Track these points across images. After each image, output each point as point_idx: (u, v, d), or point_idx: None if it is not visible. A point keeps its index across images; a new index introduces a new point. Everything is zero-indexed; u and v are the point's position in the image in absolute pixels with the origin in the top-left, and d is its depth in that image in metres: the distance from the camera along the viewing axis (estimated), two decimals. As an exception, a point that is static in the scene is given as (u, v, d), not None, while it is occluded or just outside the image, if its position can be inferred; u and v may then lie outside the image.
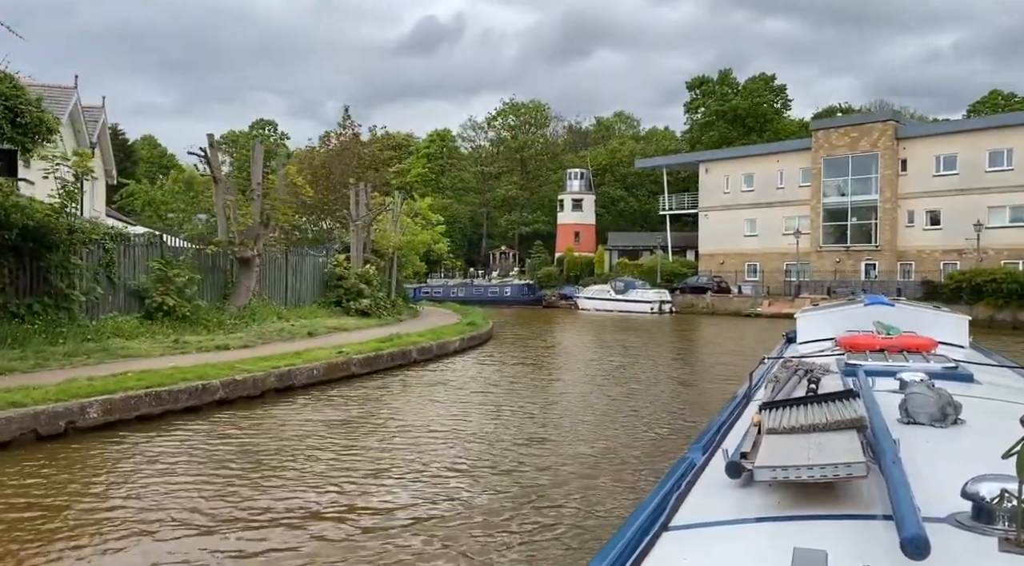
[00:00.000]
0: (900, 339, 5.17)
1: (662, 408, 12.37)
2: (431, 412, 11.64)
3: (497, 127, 72.73)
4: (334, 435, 9.80)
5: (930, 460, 2.43)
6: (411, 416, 11.22)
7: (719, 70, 68.80)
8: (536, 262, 61.72)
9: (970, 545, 1.74)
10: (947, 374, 4.13)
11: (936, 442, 2.72)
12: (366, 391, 13.56)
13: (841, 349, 5.20)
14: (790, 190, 49.81)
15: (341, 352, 15.12)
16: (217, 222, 18.29)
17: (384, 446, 9.26)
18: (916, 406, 2.93)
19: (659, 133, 79.04)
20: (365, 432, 10.10)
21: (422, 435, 9.92)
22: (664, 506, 2.24)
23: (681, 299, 48.60)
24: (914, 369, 4.02)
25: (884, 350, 4.92)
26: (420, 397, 13.16)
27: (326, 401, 12.39)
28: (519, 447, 9.23)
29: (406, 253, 29.79)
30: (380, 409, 11.86)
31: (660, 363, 19.49)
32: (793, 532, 1.89)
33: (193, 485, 7.33)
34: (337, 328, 20.30)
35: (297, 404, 11.99)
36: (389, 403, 12.47)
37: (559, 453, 8.97)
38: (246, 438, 9.50)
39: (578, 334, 30.96)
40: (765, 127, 66.55)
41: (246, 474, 7.75)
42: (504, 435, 9.97)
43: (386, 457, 8.66)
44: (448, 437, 9.79)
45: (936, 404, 2.92)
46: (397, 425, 10.54)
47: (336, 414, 11.36)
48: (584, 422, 11.05)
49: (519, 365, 18.41)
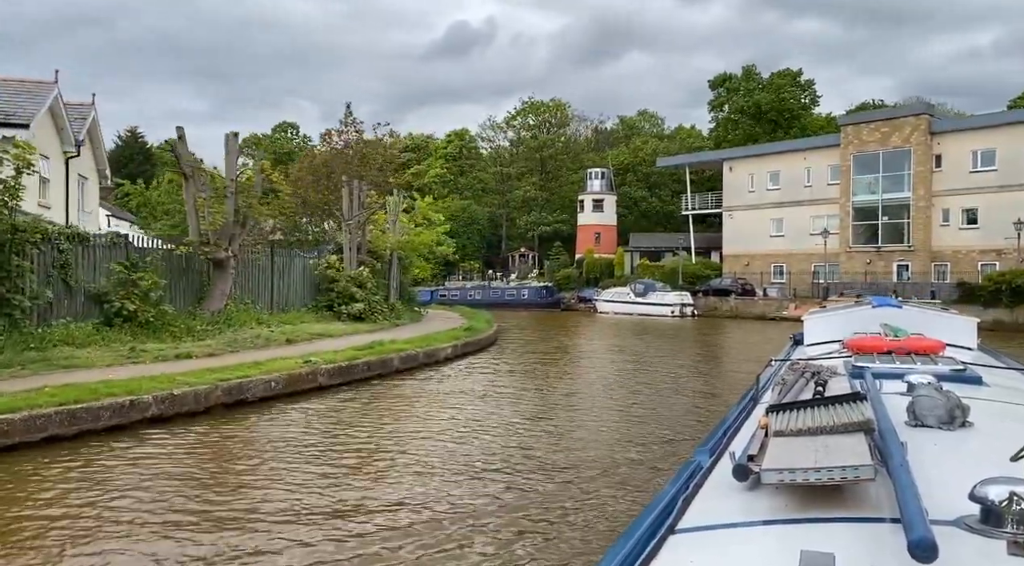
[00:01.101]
0: (908, 341, 5.09)
1: (681, 438, 10.77)
2: (383, 434, 10.26)
3: (516, 127, 71.27)
4: (237, 468, 8.47)
5: (938, 463, 2.42)
6: (353, 441, 9.83)
7: (743, 66, 66.70)
8: (555, 264, 60.21)
9: (979, 548, 1.72)
10: (955, 376, 4.06)
11: (944, 445, 2.69)
12: (328, 406, 12.23)
13: (848, 351, 5.14)
14: (818, 188, 47.80)
15: (308, 361, 13.83)
16: (188, 221, 17.09)
17: (291, 485, 7.89)
18: (924, 408, 2.91)
19: (684, 132, 77.00)
20: (272, 468, 8.73)
21: (344, 470, 8.53)
22: (671, 508, 2.23)
23: (703, 302, 46.86)
24: (922, 371, 3.96)
25: (891, 352, 4.84)
26: (380, 415, 11.77)
27: (271, 419, 11.05)
28: (478, 502, 6.99)
29: (407, 254, 28.49)
30: (320, 431, 10.51)
31: (678, 372, 17.90)
32: (800, 535, 1.88)
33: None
34: (322, 334, 19.05)
35: (236, 423, 10.67)
36: (340, 422, 11.11)
37: (528, 506, 7.06)
38: (125, 468, 8.18)
39: (591, 338, 29.45)
40: (792, 123, 64.31)
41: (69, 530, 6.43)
42: (462, 485, 7.51)
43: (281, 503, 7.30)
44: (384, 475, 8.38)
45: (944, 406, 2.89)
46: (323, 456, 9.17)
47: (272, 434, 10.01)
48: (575, 450, 9.28)
49: (514, 375, 16.99)
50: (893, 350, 4.88)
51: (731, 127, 66.45)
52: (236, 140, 17.23)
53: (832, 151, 46.86)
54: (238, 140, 17.29)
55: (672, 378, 16.70)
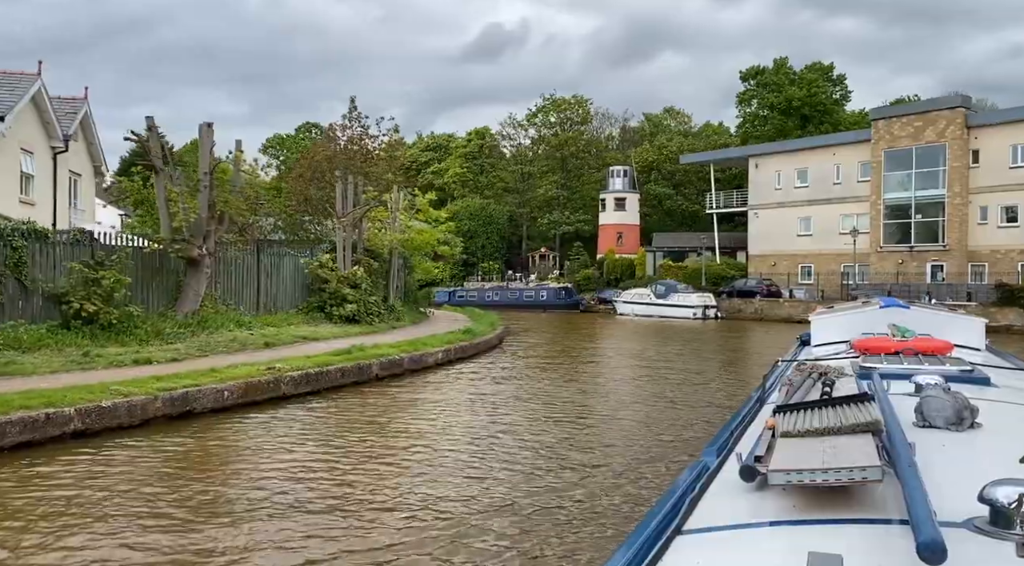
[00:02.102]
0: (915, 342, 5.06)
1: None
2: (299, 461, 9.10)
3: (537, 124, 69.91)
4: (138, 500, 7.34)
5: (946, 464, 2.40)
6: (280, 472, 8.68)
7: (774, 59, 64.68)
8: (575, 264, 58.80)
9: (987, 550, 1.72)
10: (963, 377, 4.05)
11: (952, 446, 2.67)
12: (281, 419, 11.12)
13: (855, 352, 5.11)
14: (848, 186, 45.89)
15: (271, 368, 12.74)
16: (160, 217, 16.12)
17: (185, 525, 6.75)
18: (932, 409, 2.90)
19: (711, 128, 74.96)
20: (177, 498, 7.60)
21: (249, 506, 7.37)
22: (678, 509, 2.20)
23: (727, 304, 45.28)
24: (930, 372, 3.91)
25: (899, 353, 4.82)
26: (323, 433, 10.61)
27: (205, 433, 9.92)
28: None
29: (409, 253, 27.37)
30: (250, 449, 9.38)
31: (695, 382, 16.54)
32: (808, 536, 1.87)
33: None
34: (307, 337, 17.99)
35: (169, 438, 9.56)
36: (274, 439, 9.98)
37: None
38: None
39: (605, 342, 28.12)
40: (823, 119, 62.24)
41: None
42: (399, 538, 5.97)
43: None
44: (285, 517, 7.19)
45: (952, 407, 2.88)
46: (233, 483, 8.02)
47: (203, 450, 8.90)
48: (549, 502, 7.22)
49: (507, 383, 15.76)
50: (901, 351, 4.82)
51: (759, 123, 64.51)
52: (211, 130, 16.23)
53: (863, 147, 44.94)
54: (212, 130, 16.30)
55: (689, 392, 15.34)
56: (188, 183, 16.48)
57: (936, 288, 39.12)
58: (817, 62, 64.09)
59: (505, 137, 71.64)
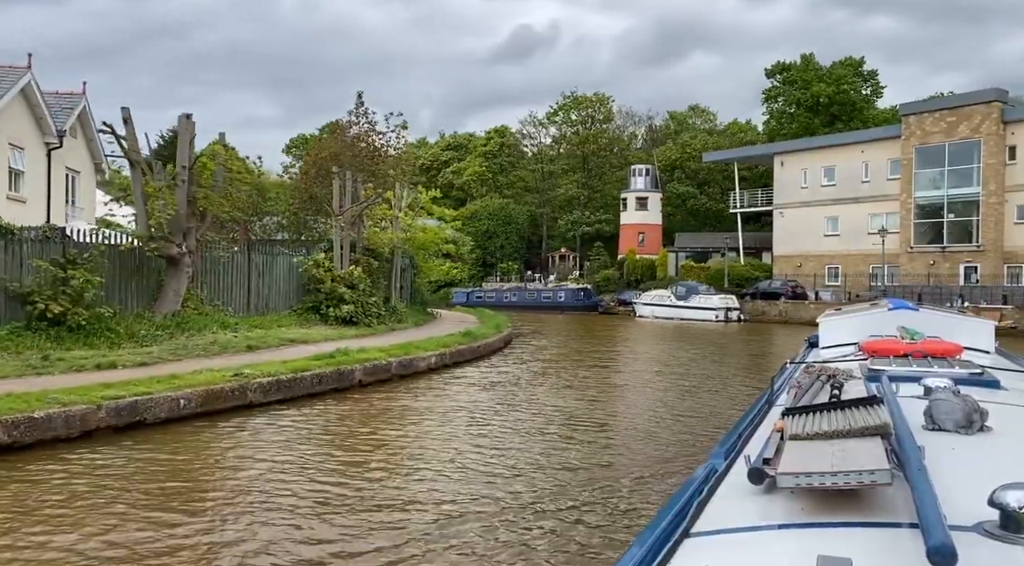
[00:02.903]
0: (924, 344, 4.96)
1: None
2: (260, 485, 8.18)
3: (558, 122, 68.78)
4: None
5: (956, 468, 2.38)
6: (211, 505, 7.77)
7: (801, 54, 62.94)
8: (595, 265, 57.63)
9: (998, 554, 1.71)
10: (973, 380, 3.99)
11: (962, 449, 2.65)
12: (229, 432, 10.24)
13: (864, 354, 5.05)
14: (876, 184, 44.27)
15: (237, 374, 11.88)
16: (137, 213, 15.36)
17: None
18: (941, 412, 2.86)
19: (738, 127, 73.25)
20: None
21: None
22: (686, 512, 2.20)
23: (751, 306, 43.92)
24: (939, 375, 3.85)
25: (908, 355, 4.73)
26: (279, 446, 9.69)
27: (144, 447, 9.02)
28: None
29: (414, 253, 26.47)
30: (180, 466, 8.49)
31: (717, 391, 15.46)
32: (817, 540, 1.86)
33: None
34: (296, 340, 17.16)
35: (104, 452, 8.71)
36: (214, 454, 9.08)
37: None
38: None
39: (619, 345, 27.02)
40: (852, 116, 60.38)
41: None
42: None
43: None
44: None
45: (962, 410, 2.85)
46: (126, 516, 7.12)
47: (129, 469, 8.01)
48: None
49: (497, 390, 14.77)
50: (909, 353, 4.79)
51: (786, 120, 62.81)
52: (190, 122, 15.45)
53: (892, 143, 43.31)
54: (192, 122, 15.52)
55: (697, 403, 14.26)
56: (168, 178, 15.69)
57: (970, 290, 37.47)
58: (847, 57, 62.24)
59: (526, 136, 70.64)
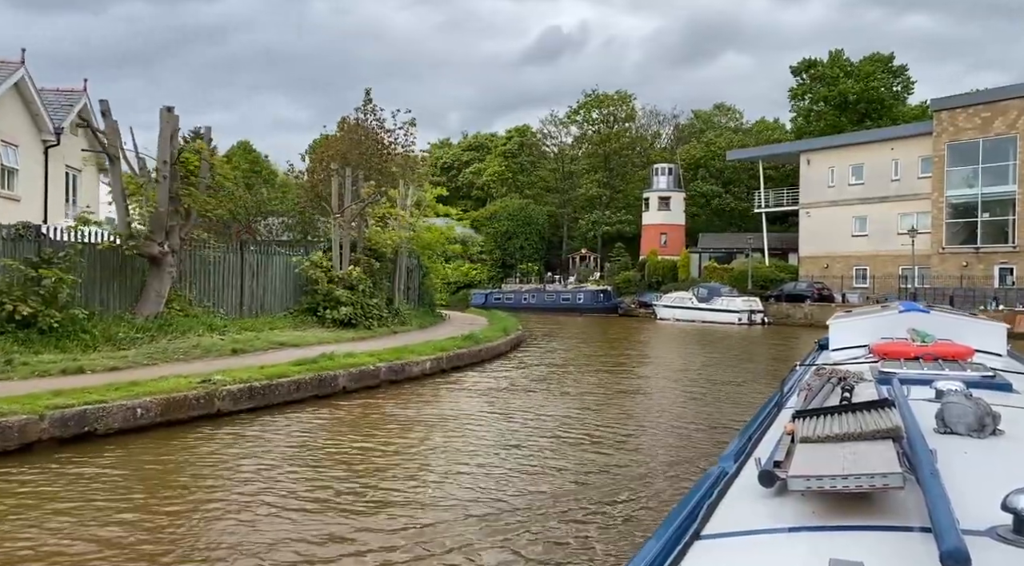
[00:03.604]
0: (936, 347, 4.95)
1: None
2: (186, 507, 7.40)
3: (579, 121, 67.70)
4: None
5: (968, 471, 2.36)
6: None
7: (829, 50, 61.33)
8: (615, 266, 56.53)
9: (1012, 559, 1.70)
10: (985, 383, 3.94)
11: (974, 453, 2.62)
12: (196, 438, 9.50)
13: (875, 356, 5.07)
14: (906, 182, 42.74)
15: (206, 381, 11.15)
16: (116, 211, 14.73)
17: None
18: (953, 416, 2.82)
19: (765, 125, 71.60)
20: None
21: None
22: (696, 514, 2.18)
23: (775, 308, 42.61)
24: (950, 377, 3.82)
25: (919, 358, 4.71)
26: (231, 462, 8.91)
27: (73, 463, 8.27)
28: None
29: (419, 252, 25.70)
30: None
31: (727, 400, 14.47)
32: (828, 543, 1.86)
33: None
34: (286, 343, 16.46)
35: (34, 468, 7.98)
36: (150, 474, 8.32)
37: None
38: None
39: (634, 349, 26.01)
40: (882, 114, 58.65)
41: None
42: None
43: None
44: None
45: (974, 414, 2.80)
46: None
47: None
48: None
49: (489, 397, 13.91)
50: (920, 356, 4.75)
51: (813, 118, 61.25)
52: (172, 115, 14.79)
53: (923, 140, 41.76)
54: (175, 116, 14.86)
55: (708, 422, 13.29)
56: (147, 174, 15.06)
57: (1004, 293, 35.93)
58: (876, 53, 60.51)
59: (547, 135, 69.65)
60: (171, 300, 15.70)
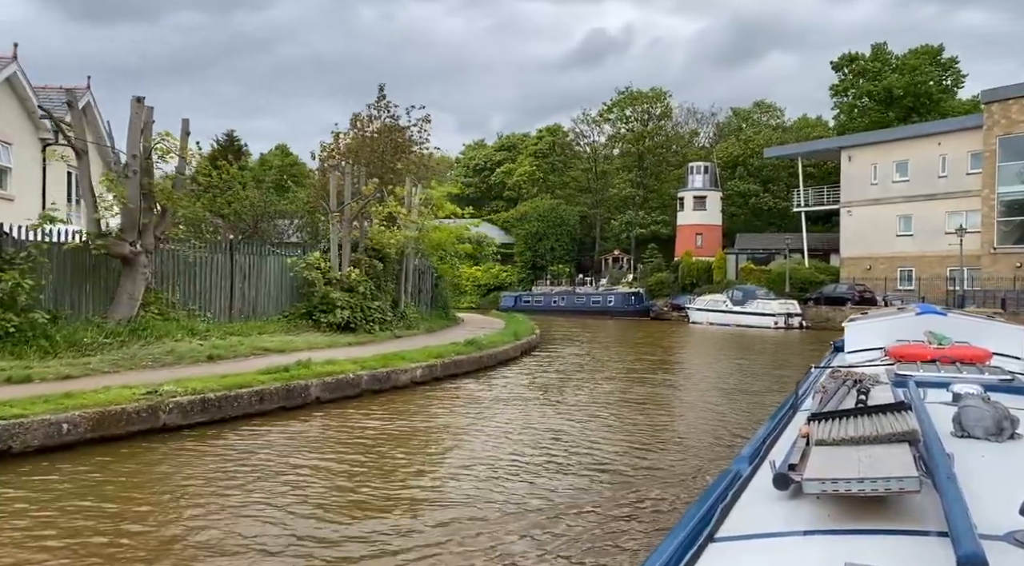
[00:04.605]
0: (953, 349, 4.92)
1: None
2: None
3: (612, 120, 66.10)
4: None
5: (986, 476, 2.32)
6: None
7: (871, 44, 58.92)
8: (648, 267, 54.90)
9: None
10: (1003, 386, 3.86)
11: (992, 457, 2.57)
12: (119, 458, 8.50)
13: (890, 359, 5.00)
14: (955, 179, 40.49)
15: (152, 392, 10.18)
16: (85, 208, 13.89)
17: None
18: (971, 419, 2.79)
19: (806, 122, 69.18)
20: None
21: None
22: (710, 516, 2.15)
23: (814, 311, 40.75)
24: (968, 381, 3.82)
25: (936, 361, 4.70)
26: (131, 490, 7.86)
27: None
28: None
29: (428, 253, 24.62)
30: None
31: (743, 412, 13.14)
32: (843, 546, 1.82)
33: None
34: (272, 349, 15.50)
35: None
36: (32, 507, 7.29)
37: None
38: None
39: (657, 355, 24.58)
40: (930, 109, 56.09)
41: None
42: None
43: None
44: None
45: (992, 417, 2.78)
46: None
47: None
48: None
49: (475, 409, 12.73)
50: (937, 359, 4.70)
51: (857, 114, 58.91)
52: (142, 106, 13.93)
53: (973, 134, 39.48)
54: (145, 107, 14.00)
55: (708, 441, 11.94)
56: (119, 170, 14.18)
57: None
58: (924, 45, 57.96)
59: (579, 134, 68.19)
60: (149, 303, 14.84)
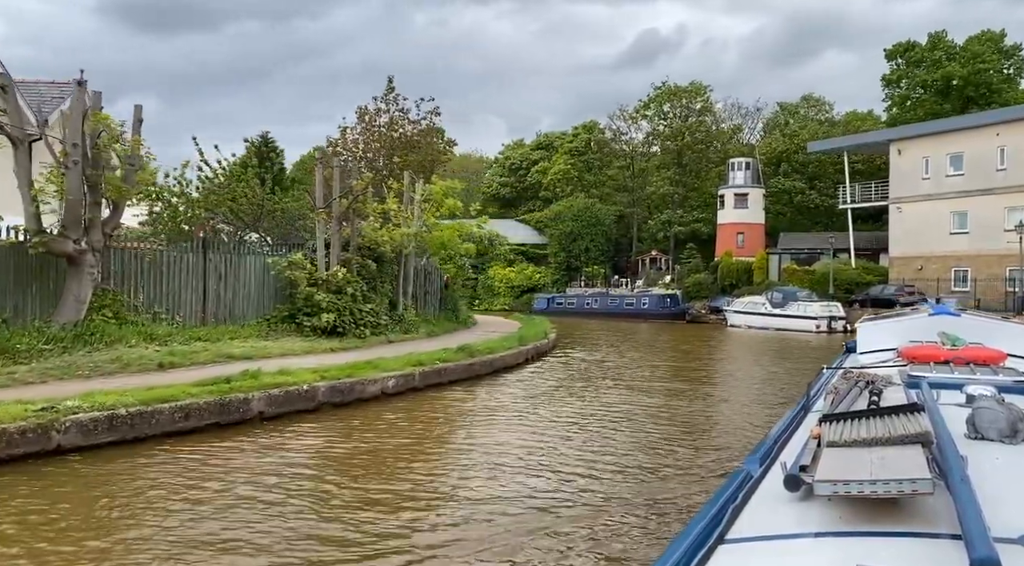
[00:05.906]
0: (966, 351, 4.89)
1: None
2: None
3: (650, 116, 63.96)
4: None
5: (1000, 478, 2.29)
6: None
7: (929, 32, 55.78)
8: (686, 268, 52.75)
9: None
10: (1017, 388, 3.84)
11: (1006, 459, 2.54)
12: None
13: (903, 360, 4.97)
14: (1015, 172, 37.64)
15: (47, 409, 8.93)
16: (23, 203, 12.80)
17: None
18: (985, 421, 2.77)
19: (855, 116, 66.02)
20: None
21: None
22: (720, 518, 2.13)
23: (860, 314, 38.21)
24: (981, 382, 3.77)
25: (949, 362, 4.67)
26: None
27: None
28: None
29: (430, 252, 23.23)
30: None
31: (752, 428, 11.46)
32: (855, 548, 1.81)
33: None
34: (239, 356, 14.27)
35: None
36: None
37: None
38: None
39: (684, 362, 22.75)
40: (991, 99, 52.84)
41: None
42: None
43: None
44: None
45: (1006, 419, 2.75)
46: None
47: None
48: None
49: (452, 426, 11.25)
50: (951, 360, 4.66)
51: (911, 106, 55.85)
52: (84, 90, 12.80)
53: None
54: (89, 92, 12.88)
55: (704, 462, 10.26)
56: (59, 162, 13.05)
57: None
58: (984, 31, 54.65)
59: (616, 131, 66.16)
60: (103, 306, 13.74)
